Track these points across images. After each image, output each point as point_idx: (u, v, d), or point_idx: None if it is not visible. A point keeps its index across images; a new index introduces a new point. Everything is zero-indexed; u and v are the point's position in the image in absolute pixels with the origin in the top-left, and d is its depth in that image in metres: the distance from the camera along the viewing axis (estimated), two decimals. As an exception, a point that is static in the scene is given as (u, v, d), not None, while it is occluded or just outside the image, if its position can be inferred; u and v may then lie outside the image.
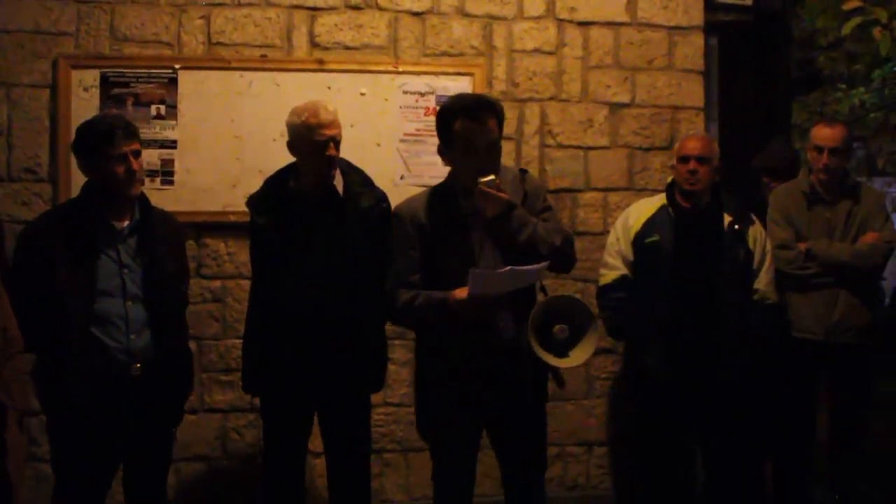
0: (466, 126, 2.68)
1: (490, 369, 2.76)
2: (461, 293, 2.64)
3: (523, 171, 2.93)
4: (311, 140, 2.93)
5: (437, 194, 2.85)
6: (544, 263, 2.67)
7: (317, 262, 2.96)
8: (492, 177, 2.66)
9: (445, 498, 2.92)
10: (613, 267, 3.43)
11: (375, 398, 3.28)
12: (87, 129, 2.80)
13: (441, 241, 2.76)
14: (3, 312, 2.43)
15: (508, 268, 2.60)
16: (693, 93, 4.17)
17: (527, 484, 2.92)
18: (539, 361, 2.75)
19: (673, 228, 3.38)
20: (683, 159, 3.38)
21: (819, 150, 3.66)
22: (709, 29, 4.28)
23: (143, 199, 2.86)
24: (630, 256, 3.42)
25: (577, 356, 2.80)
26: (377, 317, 3.09)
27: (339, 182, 3.04)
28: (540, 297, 2.86)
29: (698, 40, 4.18)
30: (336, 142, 2.98)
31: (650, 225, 3.41)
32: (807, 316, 3.64)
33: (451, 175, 2.87)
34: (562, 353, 2.78)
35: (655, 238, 3.38)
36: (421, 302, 2.73)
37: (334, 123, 2.97)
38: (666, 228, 3.38)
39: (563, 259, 2.84)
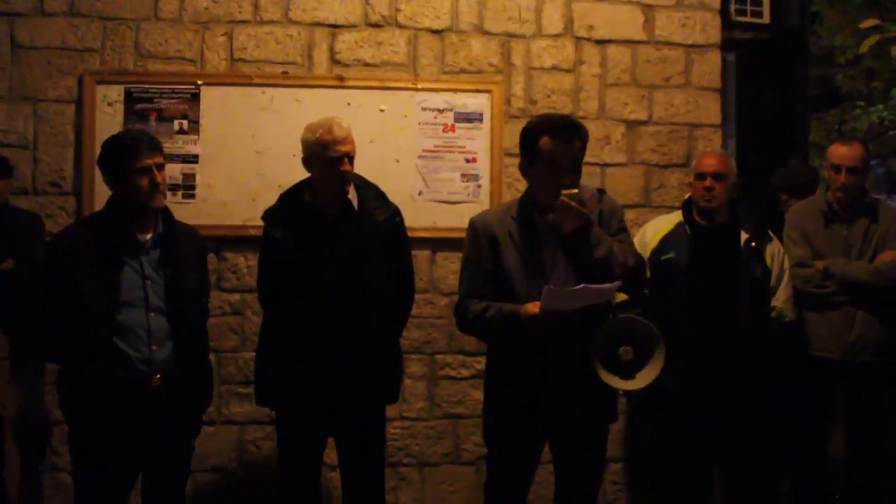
0: (552, 143, 2.73)
1: (557, 391, 2.77)
2: (533, 308, 2.66)
3: (601, 191, 2.97)
4: (326, 156, 2.98)
5: (514, 208, 2.89)
6: (616, 283, 2.69)
7: (331, 275, 2.99)
8: (575, 190, 2.69)
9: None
10: None
11: (391, 412, 3.29)
12: (111, 143, 2.85)
13: (514, 254, 2.79)
14: None
15: (582, 286, 2.62)
16: (710, 110, 4.19)
17: (580, 500, 2.93)
18: (605, 384, 2.76)
19: (689, 246, 3.38)
20: (700, 176, 3.39)
21: (836, 168, 3.66)
22: (726, 46, 4.30)
23: (167, 212, 2.90)
24: (646, 273, 3.42)
25: (643, 378, 2.80)
26: (391, 329, 3.12)
27: (353, 196, 3.08)
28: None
29: (715, 58, 4.20)
30: (350, 157, 3.02)
31: (666, 242, 3.42)
32: (824, 334, 3.63)
33: (528, 191, 2.91)
34: (627, 374, 2.78)
35: (671, 255, 3.38)
36: (492, 314, 2.77)
37: (348, 140, 3.01)
38: (682, 246, 3.39)
39: (634, 280, 2.85)
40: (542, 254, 2.78)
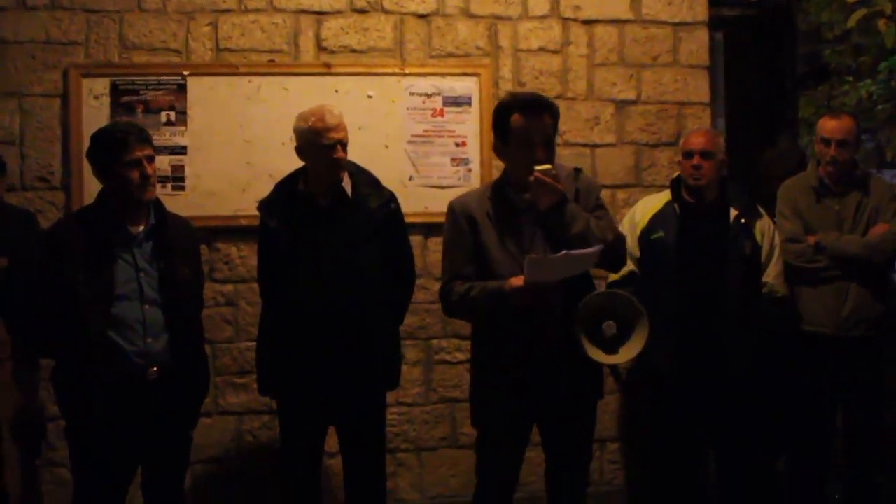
0: (523, 120, 2.73)
1: (543, 363, 2.77)
2: (517, 281, 2.67)
3: (577, 170, 2.96)
4: (319, 144, 2.98)
5: (490, 189, 2.90)
6: (598, 247, 2.68)
7: (325, 263, 2.99)
8: (548, 166, 2.69)
9: (489, 489, 2.93)
10: None
11: (389, 398, 3.29)
12: (100, 136, 2.83)
13: (493, 234, 2.80)
14: None
15: (563, 252, 2.62)
16: (699, 88, 4.18)
17: (570, 479, 2.94)
18: (589, 358, 2.77)
19: (678, 224, 3.38)
20: (688, 154, 3.39)
21: (826, 142, 3.66)
22: (714, 24, 4.30)
23: (158, 204, 2.89)
24: (636, 252, 3.42)
25: (626, 353, 2.81)
26: (386, 316, 3.12)
27: (347, 184, 3.09)
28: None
29: (703, 36, 4.19)
30: (343, 144, 3.02)
31: (656, 221, 3.42)
32: (817, 309, 3.63)
33: (504, 172, 2.92)
34: (610, 349, 2.79)
35: (661, 234, 3.39)
36: (476, 293, 2.77)
37: (340, 127, 3.01)
38: (671, 224, 3.39)
39: (614, 256, 2.84)
40: (521, 232, 2.79)
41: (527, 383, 2.78)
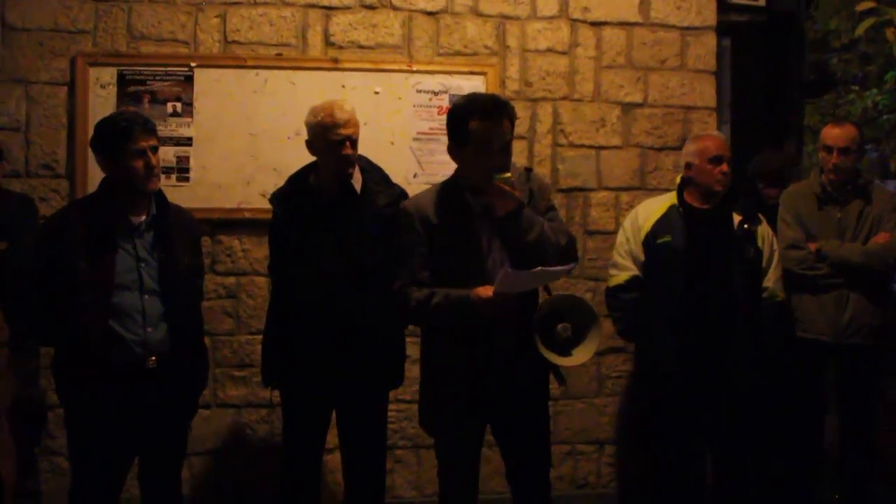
0: (482, 126, 2.69)
1: (493, 368, 2.77)
2: (485, 291, 2.64)
3: (528, 170, 2.95)
4: (328, 139, 2.98)
5: (444, 192, 2.85)
6: (572, 265, 2.71)
7: (332, 257, 2.99)
8: (508, 174, 2.68)
9: (451, 494, 2.93)
10: (624, 268, 3.42)
11: (388, 395, 3.29)
12: (105, 125, 2.83)
13: (449, 239, 2.77)
14: None
15: (539, 268, 2.62)
16: (705, 93, 4.19)
17: (532, 480, 2.93)
18: (542, 359, 2.77)
19: (685, 229, 3.38)
20: (716, 160, 3.34)
21: (829, 149, 3.66)
22: (721, 30, 4.29)
23: (160, 195, 2.89)
24: (641, 257, 3.42)
25: (580, 355, 2.83)
26: (394, 312, 3.12)
27: (357, 180, 3.09)
28: (543, 297, 2.88)
29: (711, 41, 4.19)
30: (353, 141, 3.02)
31: (661, 225, 3.41)
32: (816, 316, 3.63)
33: (457, 172, 2.86)
34: (564, 351, 2.80)
35: (667, 238, 3.37)
36: (439, 300, 2.72)
37: (350, 123, 3.01)
38: (678, 228, 3.38)
39: (568, 258, 2.85)
40: (478, 237, 2.76)
41: (479, 387, 2.77)
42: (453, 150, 2.80)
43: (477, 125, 2.69)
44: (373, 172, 3.14)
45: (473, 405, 2.81)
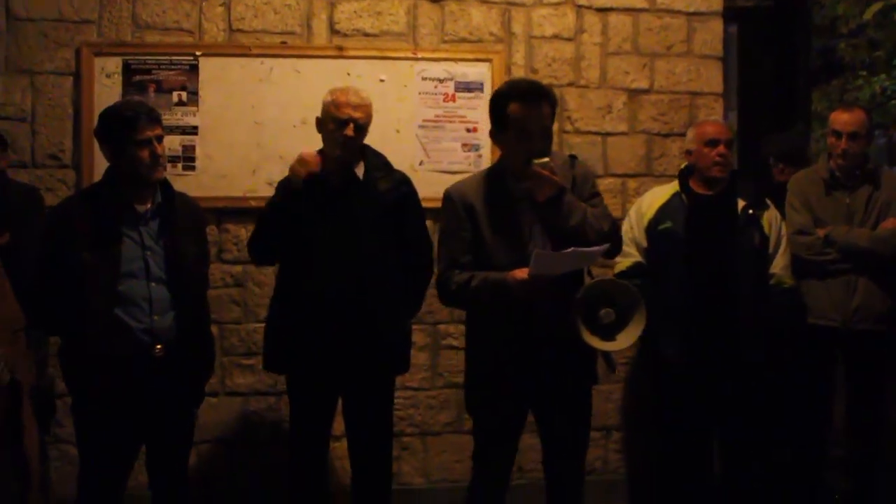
0: (521, 110, 2.70)
1: (534, 353, 2.77)
2: (521, 273, 2.64)
3: (573, 157, 2.94)
4: (334, 116, 3.02)
5: (488, 177, 2.87)
6: (605, 245, 2.69)
7: (333, 243, 3.01)
8: (546, 159, 2.67)
9: (484, 478, 2.93)
10: (627, 254, 3.42)
11: (395, 382, 3.30)
12: (110, 114, 2.82)
13: (491, 224, 2.78)
14: (4, 293, 2.42)
15: (571, 249, 2.61)
16: (712, 79, 4.16)
17: (567, 466, 2.93)
18: (587, 345, 2.76)
19: (686, 215, 3.38)
20: (712, 143, 3.36)
21: (838, 135, 3.64)
22: (728, 15, 4.27)
23: (165, 183, 2.89)
24: (644, 243, 3.43)
25: (623, 339, 2.80)
26: (396, 298, 3.12)
27: (360, 169, 3.11)
28: (587, 281, 2.87)
29: (717, 26, 4.17)
30: (359, 126, 3.03)
31: (663, 212, 3.42)
32: (825, 302, 3.62)
33: (501, 159, 2.89)
34: (608, 336, 2.78)
35: (668, 225, 3.38)
36: (477, 283, 2.74)
37: (360, 107, 3.05)
38: (679, 215, 3.38)
39: (611, 244, 2.83)
40: (519, 222, 2.77)
41: (523, 372, 2.78)
42: (495, 136, 2.83)
43: (515, 109, 2.70)
44: (375, 159, 3.15)
45: (515, 390, 2.81)
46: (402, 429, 3.91)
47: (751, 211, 3.40)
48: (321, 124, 3.10)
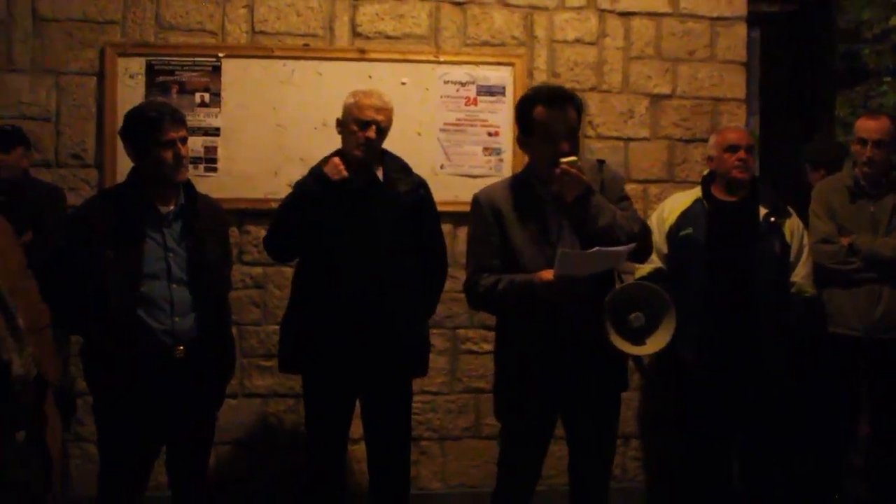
0: (546, 113, 2.71)
1: (562, 357, 2.75)
2: (547, 275, 2.64)
3: (601, 162, 2.94)
4: (356, 117, 3.03)
5: (515, 182, 2.88)
6: (630, 245, 2.67)
7: (353, 244, 3.02)
8: (574, 158, 2.67)
9: (510, 481, 2.92)
10: (648, 260, 3.40)
11: (413, 386, 3.29)
12: (135, 115, 2.83)
13: (519, 227, 2.78)
14: (30, 289, 2.44)
15: (596, 248, 2.60)
16: (735, 84, 4.14)
17: (594, 472, 2.92)
18: (615, 349, 2.75)
19: (707, 221, 3.36)
20: (733, 148, 3.36)
21: (863, 142, 3.61)
22: (750, 20, 4.24)
23: (189, 185, 2.90)
24: (664, 249, 3.42)
25: (653, 344, 2.79)
26: (414, 300, 3.12)
27: (379, 172, 3.12)
28: (617, 285, 2.85)
29: (741, 31, 4.14)
30: (380, 128, 3.04)
31: (684, 218, 3.41)
32: (848, 311, 3.59)
33: (528, 165, 2.89)
34: (637, 340, 2.77)
35: (689, 231, 3.38)
36: (504, 286, 2.74)
37: (382, 110, 3.06)
38: (700, 221, 3.38)
39: (640, 247, 2.82)
40: (548, 225, 2.77)
41: (551, 375, 2.77)
42: (521, 140, 2.83)
43: (541, 112, 2.71)
44: (394, 162, 3.16)
45: (540, 389, 2.79)
46: (420, 433, 3.91)
47: (772, 219, 3.38)
48: (342, 125, 3.11)
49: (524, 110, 2.77)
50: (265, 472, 3.86)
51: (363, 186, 3.07)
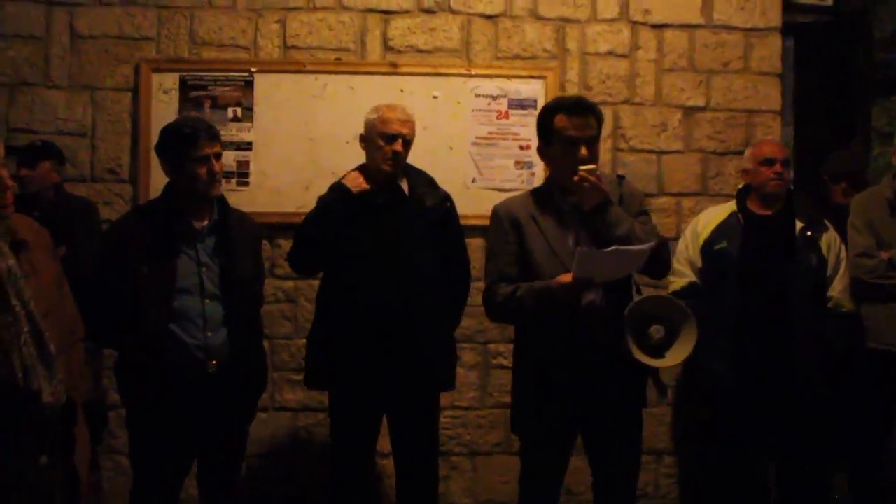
0: (566, 121, 2.71)
1: (580, 356, 2.73)
2: (564, 278, 2.63)
3: (620, 177, 2.94)
4: (381, 131, 3.03)
5: (535, 194, 2.88)
6: (649, 245, 2.64)
7: (378, 259, 3.01)
8: (593, 166, 2.67)
9: (532, 491, 2.88)
10: (682, 274, 3.39)
11: (444, 401, 3.29)
12: (170, 131, 2.86)
13: (538, 236, 2.77)
14: (65, 302, 2.45)
15: (614, 247, 2.59)
16: (770, 96, 4.09)
17: (618, 490, 2.87)
18: (637, 366, 2.72)
19: (742, 235, 3.32)
20: (769, 162, 3.34)
21: (904, 154, 3.55)
22: (784, 30, 4.19)
23: (222, 200, 2.92)
24: (699, 263, 3.39)
25: (673, 356, 2.76)
26: (441, 313, 3.11)
27: (404, 185, 3.12)
28: (635, 298, 2.83)
29: (776, 42, 4.10)
30: (406, 141, 3.05)
31: (719, 231, 3.38)
32: (888, 327, 3.52)
33: (549, 177, 2.90)
34: (658, 354, 2.74)
35: (723, 245, 3.34)
36: (522, 293, 2.73)
37: (406, 124, 3.06)
38: (735, 235, 3.34)
39: (658, 262, 2.79)
40: (566, 235, 2.75)
41: (570, 390, 2.74)
42: (542, 150, 2.84)
43: (561, 121, 2.72)
44: (419, 176, 3.16)
45: (564, 399, 2.76)
46: (450, 448, 3.89)
47: (809, 233, 3.34)
48: (365, 141, 3.10)
49: (545, 120, 2.78)
50: (295, 486, 3.86)
51: (390, 200, 3.07)
